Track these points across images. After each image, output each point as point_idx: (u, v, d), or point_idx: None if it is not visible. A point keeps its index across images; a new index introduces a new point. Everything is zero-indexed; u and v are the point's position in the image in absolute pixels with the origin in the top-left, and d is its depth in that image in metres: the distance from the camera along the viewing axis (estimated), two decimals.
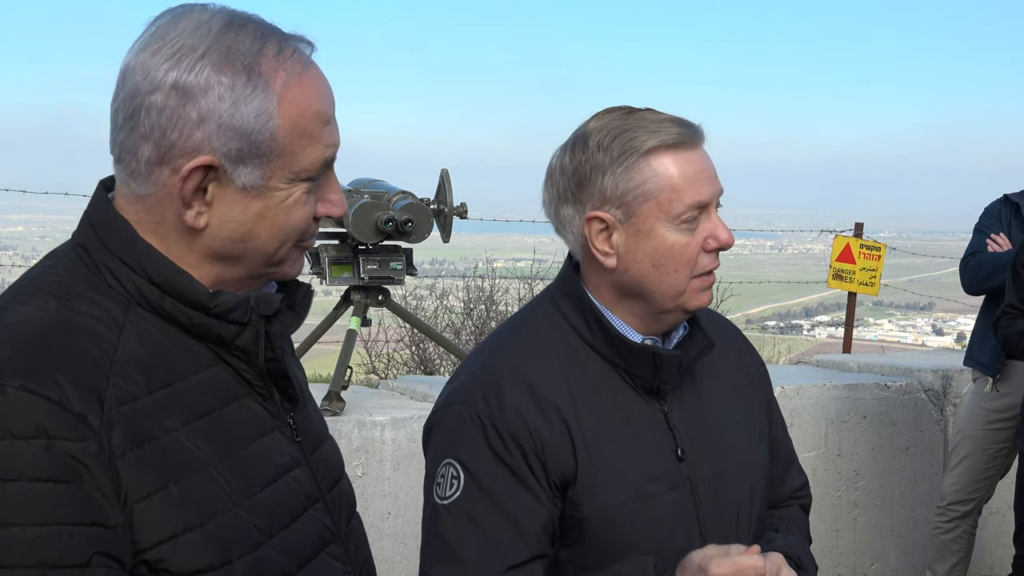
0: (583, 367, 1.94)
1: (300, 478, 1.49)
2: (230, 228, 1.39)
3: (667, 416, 1.96)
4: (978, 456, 4.84)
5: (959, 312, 29.98)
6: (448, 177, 4.35)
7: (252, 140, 1.35)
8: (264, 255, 1.43)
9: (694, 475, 1.95)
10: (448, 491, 1.87)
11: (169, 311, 1.39)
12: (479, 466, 1.85)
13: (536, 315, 2.03)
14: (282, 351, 1.49)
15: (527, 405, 1.87)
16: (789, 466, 2.24)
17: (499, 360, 1.95)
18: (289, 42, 1.40)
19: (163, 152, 1.34)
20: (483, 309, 10.58)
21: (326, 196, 1.46)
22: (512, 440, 1.85)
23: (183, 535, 1.30)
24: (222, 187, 1.37)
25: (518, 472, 1.85)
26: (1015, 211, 4.94)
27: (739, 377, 2.15)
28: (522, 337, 2.00)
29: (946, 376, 5.27)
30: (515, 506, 1.84)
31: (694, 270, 1.90)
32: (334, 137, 1.44)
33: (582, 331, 1.96)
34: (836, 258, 7.79)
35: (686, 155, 1.88)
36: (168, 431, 1.32)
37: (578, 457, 1.87)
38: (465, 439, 1.88)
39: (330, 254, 4.17)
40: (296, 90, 1.38)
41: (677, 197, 1.87)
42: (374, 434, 3.97)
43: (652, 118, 1.90)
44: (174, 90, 1.33)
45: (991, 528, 5.34)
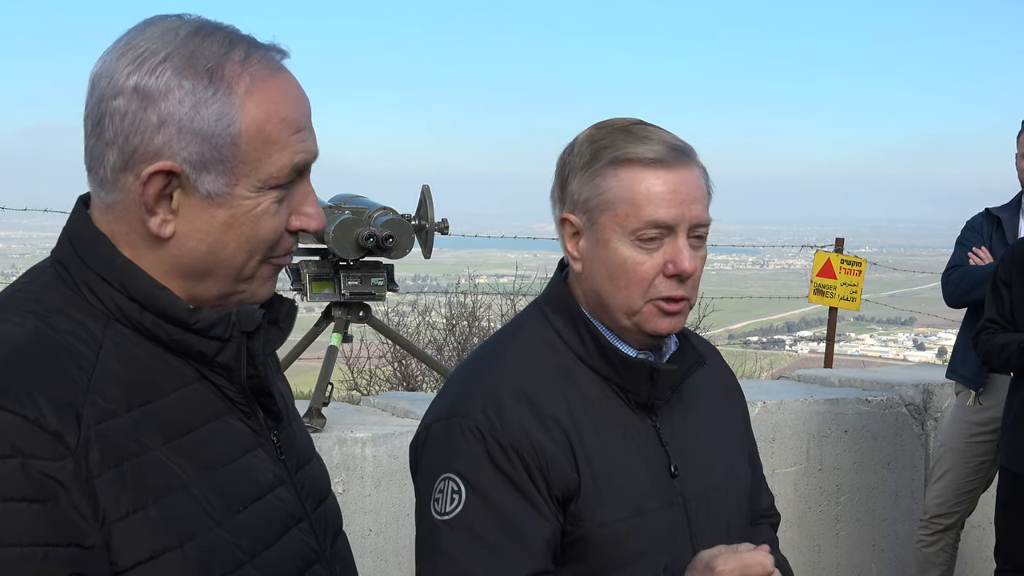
0: (577, 382, 1.91)
1: (284, 497, 1.46)
2: (197, 238, 1.36)
3: (659, 432, 1.95)
4: (961, 469, 4.85)
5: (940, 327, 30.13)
6: (429, 193, 4.34)
7: (213, 144, 1.33)
8: (233, 268, 1.39)
9: (686, 492, 1.94)
10: (449, 506, 1.81)
11: (149, 327, 1.37)
12: (481, 480, 1.81)
13: (526, 329, 2.00)
14: (265, 367, 1.46)
15: (529, 419, 1.83)
16: (761, 484, 2.24)
17: (494, 374, 1.91)
18: (258, 49, 1.38)
19: (127, 158, 1.33)
20: (465, 325, 10.56)
21: (300, 208, 1.43)
22: (515, 453, 1.81)
23: (162, 556, 1.27)
24: (187, 195, 1.35)
25: (521, 486, 1.80)
26: (996, 225, 4.97)
27: (720, 394, 2.15)
28: (514, 351, 1.95)
29: (927, 390, 5.29)
30: (519, 520, 1.80)
31: (648, 292, 1.87)
32: (306, 144, 1.40)
33: (574, 345, 1.93)
34: (817, 273, 7.82)
35: (657, 173, 1.85)
36: (147, 449, 1.30)
37: (580, 472, 1.84)
38: (465, 453, 1.83)
39: (311, 270, 4.16)
40: (261, 95, 1.35)
41: (634, 212, 1.84)
42: (355, 451, 3.95)
43: (642, 134, 1.88)
44: (135, 94, 1.31)
45: (973, 541, 5.35)
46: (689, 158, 1.88)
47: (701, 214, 1.87)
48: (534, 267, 12.80)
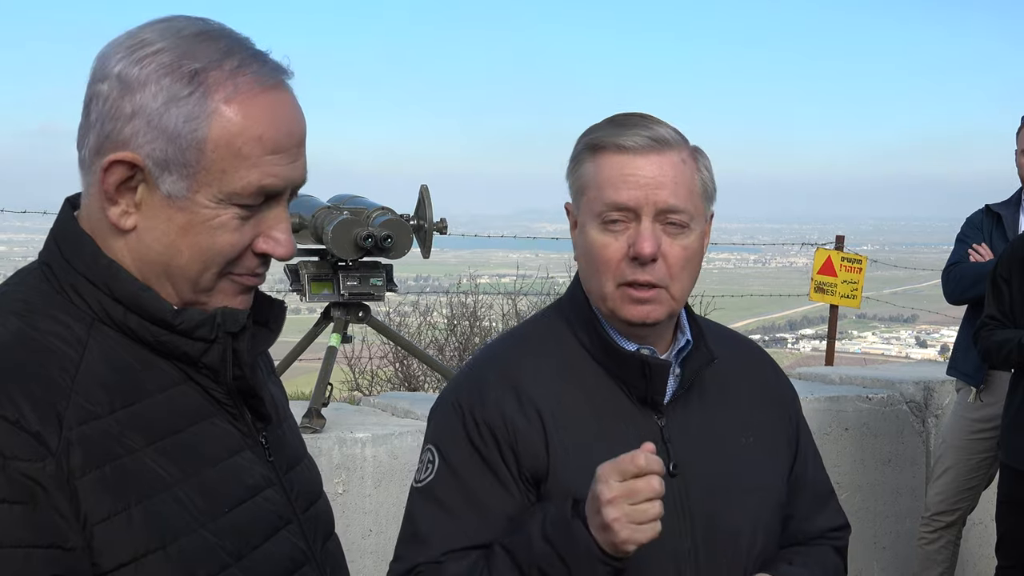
0: (580, 374, 1.94)
1: (271, 498, 1.46)
2: (153, 236, 1.35)
3: (663, 429, 1.93)
4: (962, 466, 4.84)
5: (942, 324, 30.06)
6: (428, 193, 4.34)
7: (177, 145, 1.31)
8: (188, 277, 1.38)
9: (687, 492, 1.91)
10: (423, 474, 1.94)
11: (134, 329, 1.36)
12: (453, 451, 1.91)
13: (541, 321, 2.08)
14: (252, 368, 1.46)
15: (507, 399, 1.91)
16: (821, 503, 2.16)
17: (493, 360, 2.01)
18: (255, 62, 1.35)
19: (100, 142, 1.33)
20: (467, 325, 10.54)
21: (269, 232, 1.40)
22: (487, 429, 1.89)
23: (145, 557, 1.27)
24: (150, 191, 1.34)
25: (490, 461, 1.89)
26: (996, 221, 4.97)
27: (755, 399, 2.08)
28: (520, 341, 2.04)
29: (927, 388, 5.28)
30: (482, 492, 1.88)
31: (616, 276, 1.88)
32: (280, 169, 1.37)
33: (582, 338, 1.97)
34: (818, 271, 7.81)
35: (625, 159, 1.87)
36: (131, 451, 1.30)
37: (550, 453, 1.88)
38: (445, 426, 1.95)
39: (310, 271, 4.15)
40: (240, 107, 1.33)
41: (599, 195, 1.88)
42: (355, 451, 3.94)
43: (626, 123, 1.90)
44: (117, 80, 1.31)
45: (974, 539, 5.34)
46: (667, 147, 1.88)
47: (668, 199, 1.86)
48: (535, 267, 12.79)
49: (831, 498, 2.20)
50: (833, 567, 2.12)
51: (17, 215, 7.76)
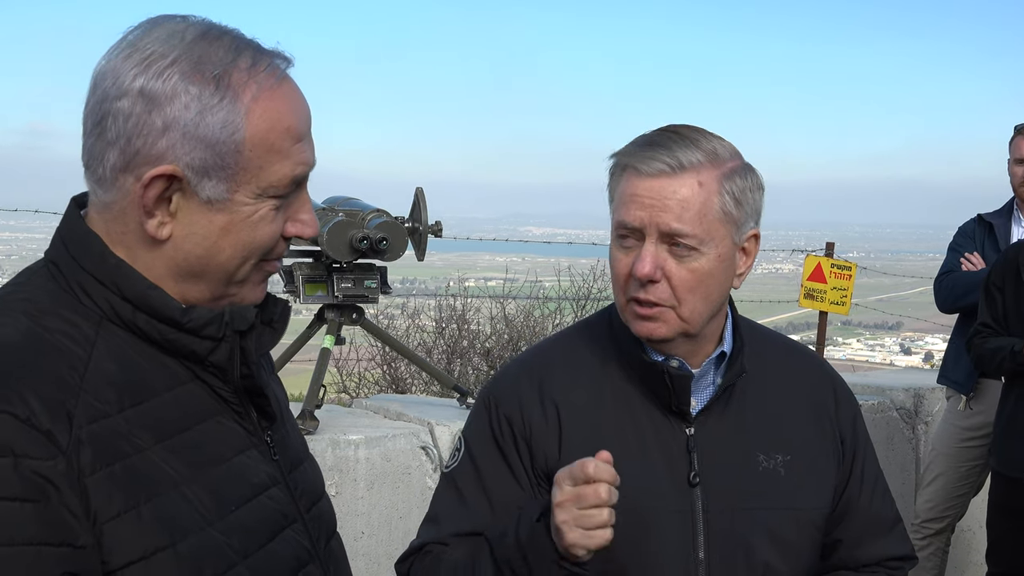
0: (614, 381, 2.00)
1: (277, 497, 1.46)
2: (193, 241, 1.37)
3: (689, 439, 1.94)
4: (952, 474, 4.87)
5: (927, 331, 30.15)
6: (423, 195, 4.33)
7: (217, 151, 1.33)
8: (227, 272, 1.40)
9: (708, 504, 1.91)
10: (451, 461, 2.07)
11: (142, 327, 1.36)
12: (476, 442, 2.03)
13: (585, 327, 2.14)
14: (258, 367, 1.47)
15: (530, 397, 2.00)
16: (880, 530, 2.11)
17: (529, 359, 2.12)
18: (264, 56, 1.38)
19: (128, 159, 1.32)
20: (455, 328, 10.54)
21: (296, 216, 1.44)
22: (507, 423, 1.99)
23: (154, 555, 1.27)
24: (186, 199, 1.35)
25: (506, 453, 1.99)
26: (988, 231, 4.99)
27: (800, 416, 2.05)
28: (562, 342, 2.13)
29: (918, 395, 5.30)
30: (494, 482, 1.98)
31: (626, 291, 1.93)
32: (306, 155, 1.41)
33: (623, 347, 2.01)
34: (807, 277, 7.81)
35: (638, 181, 1.89)
36: (140, 449, 1.30)
37: (562, 451, 1.94)
38: (475, 419, 2.07)
39: (304, 272, 4.14)
40: (266, 104, 1.35)
41: (615, 213, 1.94)
42: (348, 453, 3.93)
43: (655, 142, 1.90)
44: (141, 96, 1.31)
45: (962, 546, 5.36)
46: (683, 171, 1.86)
47: (671, 222, 1.85)
48: (523, 270, 12.79)
49: (895, 526, 2.14)
50: None
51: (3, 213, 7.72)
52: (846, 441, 2.09)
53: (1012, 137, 4.96)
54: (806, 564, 2.00)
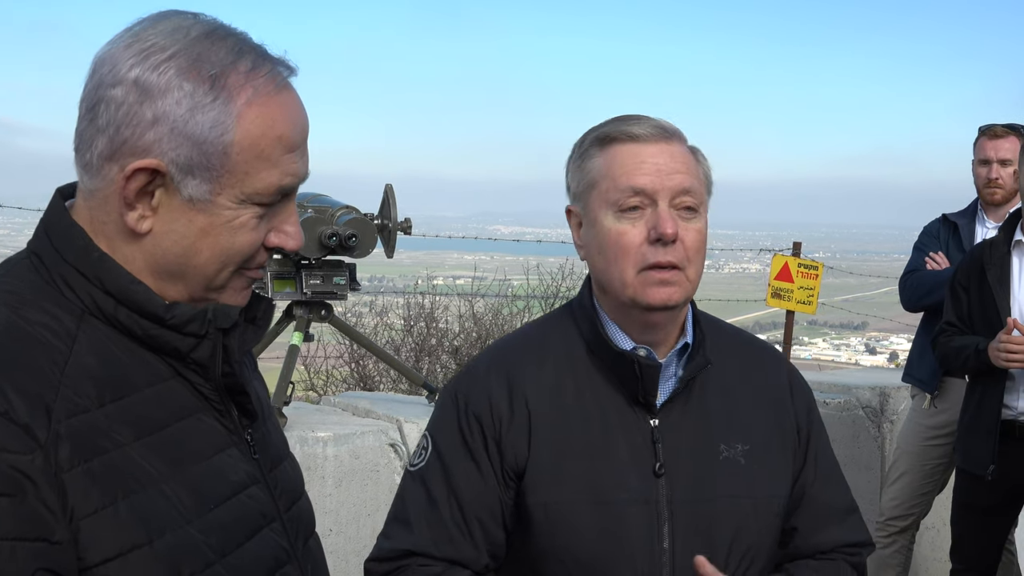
0: (579, 371, 1.98)
1: (256, 496, 1.46)
2: (172, 239, 1.36)
3: (655, 430, 1.95)
4: (916, 472, 4.90)
5: (892, 331, 30.39)
6: (392, 192, 4.32)
7: (203, 151, 1.32)
8: (204, 276, 1.39)
9: (673, 494, 1.92)
10: (416, 460, 2.03)
11: (124, 322, 1.35)
12: (444, 441, 1.99)
13: (550, 319, 2.13)
14: (240, 365, 1.46)
15: (499, 394, 1.97)
16: (835, 518, 2.12)
17: (496, 354, 2.08)
18: (266, 62, 1.37)
19: (115, 148, 1.32)
20: (423, 326, 10.53)
21: (280, 227, 1.42)
22: (476, 422, 1.96)
23: (131, 552, 1.26)
24: (169, 195, 1.34)
25: (474, 451, 1.96)
26: (953, 231, 5.04)
27: (758, 406, 2.07)
28: (525, 338, 2.10)
29: (883, 393, 5.34)
30: (463, 482, 1.95)
31: (638, 262, 1.90)
32: (296, 166, 1.40)
33: (587, 335, 2.01)
34: (775, 277, 7.85)
35: (637, 147, 1.91)
36: (119, 445, 1.29)
37: (531, 450, 1.93)
38: (442, 416, 2.03)
39: (272, 269, 4.12)
40: (260, 110, 1.34)
41: (613, 184, 1.91)
42: (316, 450, 3.92)
43: (631, 117, 1.95)
44: (135, 86, 1.30)
45: (927, 543, 5.40)
46: (675, 136, 1.94)
47: (683, 182, 1.90)
48: (491, 269, 12.80)
49: (850, 513, 2.16)
50: None
51: None
52: (801, 430, 2.11)
53: (976, 138, 5.02)
54: (767, 553, 2.02)
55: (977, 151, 5.00)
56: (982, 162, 4.96)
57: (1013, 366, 4.04)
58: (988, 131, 4.98)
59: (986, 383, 4.20)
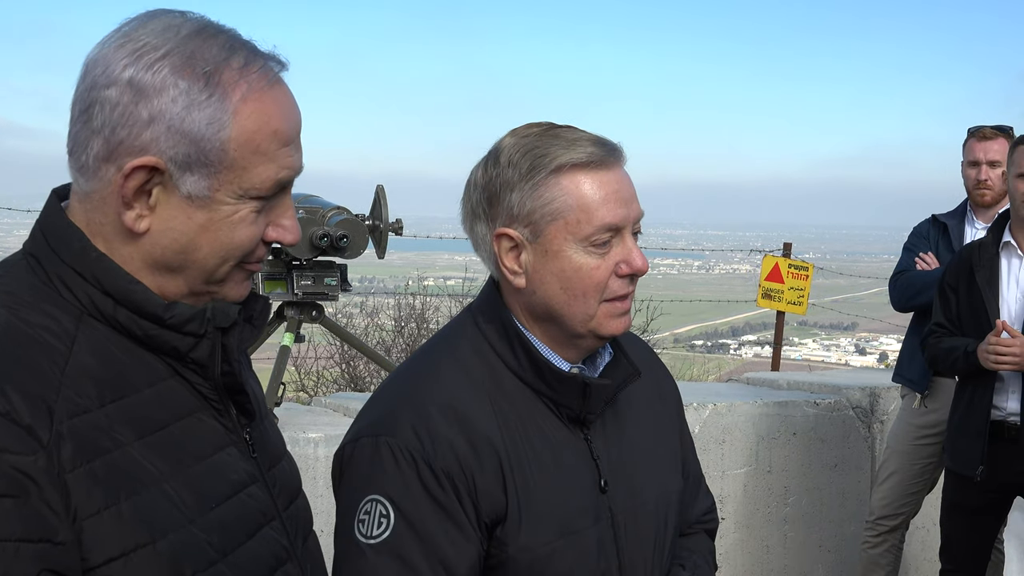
0: (509, 396, 1.86)
1: (255, 495, 1.46)
2: (171, 236, 1.36)
3: (591, 446, 1.91)
4: (906, 471, 4.91)
5: (882, 332, 30.48)
6: (384, 193, 4.33)
7: (201, 148, 1.33)
8: (204, 271, 1.39)
9: (615, 506, 1.90)
10: (376, 530, 1.75)
11: (123, 322, 1.36)
12: (411, 505, 1.75)
13: (459, 340, 1.94)
14: (239, 364, 1.46)
15: (460, 440, 1.78)
16: (697, 488, 2.19)
17: (424, 389, 1.85)
18: (258, 57, 1.38)
19: (111, 148, 1.32)
20: (414, 327, 10.54)
21: (278, 221, 1.43)
22: (447, 478, 1.76)
23: (134, 552, 1.26)
24: (167, 193, 1.34)
25: (451, 511, 1.76)
26: (943, 231, 5.05)
27: (656, 403, 2.09)
28: (446, 364, 1.89)
29: (873, 394, 5.36)
30: (447, 547, 1.76)
31: (603, 294, 1.84)
32: (292, 160, 1.41)
33: (507, 358, 1.88)
34: (765, 277, 7.88)
35: (600, 175, 1.82)
36: (120, 445, 1.29)
37: (508, 495, 1.80)
38: (394, 475, 1.76)
39: (264, 269, 4.12)
40: (255, 105, 1.35)
41: (587, 218, 1.81)
42: (307, 451, 3.92)
43: (569, 136, 1.84)
44: (129, 87, 1.31)
45: (917, 543, 5.42)
46: (620, 155, 1.87)
47: (639, 209, 1.87)
48: (482, 270, 12.80)
49: (702, 480, 2.22)
50: (710, 553, 2.16)
51: None
52: (679, 411, 2.17)
53: (965, 140, 5.04)
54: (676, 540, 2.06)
55: (966, 153, 5.02)
56: (971, 164, 4.98)
57: (1002, 368, 4.06)
58: (977, 133, 5.00)
59: (975, 384, 4.22)
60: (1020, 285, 4.24)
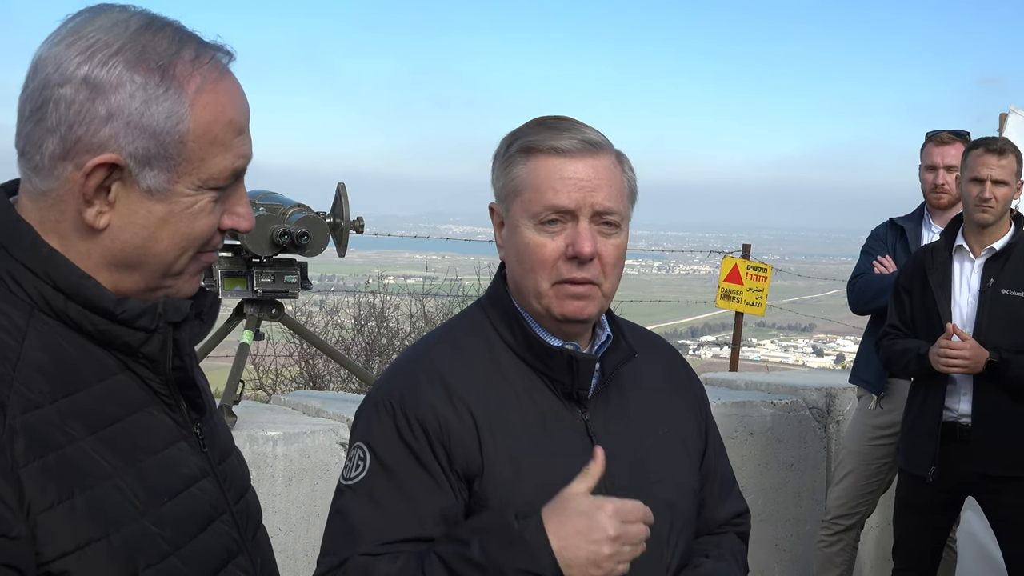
0: (506, 372, 1.99)
1: (207, 489, 1.47)
2: (132, 231, 1.36)
3: (587, 423, 1.99)
4: (862, 471, 4.97)
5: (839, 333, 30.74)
6: (345, 191, 4.31)
7: (160, 142, 1.33)
8: (164, 263, 1.40)
9: (610, 484, 1.94)
10: (354, 472, 1.94)
11: (74, 318, 1.35)
12: (384, 448, 1.92)
13: (463, 321, 2.11)
14: (190, 359, 1.46)
15: (439, 397, 1.93)
16: (727, 491, 2.24)
17: (421, 361, 2.03)
18: (207, 49, 1.38)
19: (68, 147, 1.32)
20: (374, 325, 10.51)
21: (233, 208, 1.45)
22: (419, 424, 1.91)
23: (88, 546, 1.26)
24: (126, 188, 1.34)
25: (421, 456, 1.90)
26: (900, 234, 5.11)
27: (668, 393, 2.16)
28: (445, 341, 2.07)
29: (830, 394, 5.41)
30: (415, 487, 1.89)
31: (552, 275, 1.94)
32: (246, 148, 1.42)
33: (506, 336, 2.01)
34: (724, 278, 7.93)
35: (562, 162, 1.92)
36: (72, 440, 1.29)
37: (484, 453, 1.91)
38: (375, 424, 1.95)
39: (223, 267, 4.10)
40: (210, 96, 1.36)
41: (536, 197, 1.93)
42: (266, 449, 3.91)
43: (556, 127, 1.96)
44: (84, 84, 1.30)
45: (872, 542, 5.48)
46: (600, 149, 1.95)
47: (605, 201, 1.93)
48: (443, 268, 12.78)
49: (734, 485, 2.28)
50: (740, 553, 2.20)
51: None
52: (703, 410, 2.23)
53: (924, 144, 5.10)
54: (690, 531, 2.11)
55: (924, 157, 5.08)
56: (929, 168, 5.05)
57: (952, 371, 4.13)
58: (935, 137, 5.06)
59: (928, 386, 4.28)
60: (972, 288, 4.30)
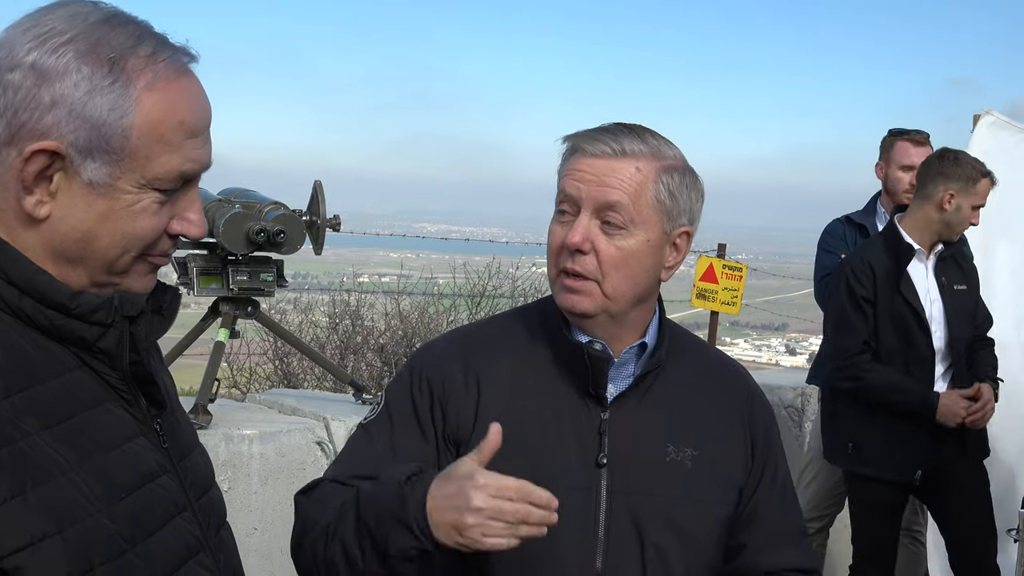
0: (540, 360, 2.06)
1: (166, 485, 1.46)
2: (71, 224, 1.35)
3: (603, 423, 2.00)
4: (829, 472, 4.92)
5: (812, 332, 30.83)
6: (321, 188, 4.30)
7: (102, 133, 1.32)
8: (105, 261, 1.38)
9: (612, 486, 1.96)
10: (370, 414, 2.12)
11: (28, 313, 1.34)
12: (395, 399, 2.09)
13: (525, 309, 2.22)
14: (147, 354, 1.46)
15: (453, 364, 2.06)
16: (785, 541, 2.14)
17: (462, 332, 2.20)
18: (167, 48, 1.37)
19: (13, 132, 1.31)
20: (349, 324, 10.48)
21: (183, 214, 1.43)
22: (426, 383, 2.05)
23: (41, 542, 1.25)
24: (68, 179, 1.33)
25: (420, 412, 2.04)
26: (861, 231, 5.04)
27: (711, 416, 2.11)
28: (495, 323, 2.22)
29: (804, 394, 5.43)
30: (403, 437, 2.03)
31: (558, 263, 2.01)
32: (199, 152, 1.40)
33: (547, 332, 2.07)
34: (700, 278, 7.94)
35: (583, 158, 1.97)
36: (26, 435, 1.28)
37: (477, 418, 1.99)
38: (399, 378, 2.13)
39: (198, 264, 4.08)
40: (160, 94, 1.34)
41: (558, 187, 2.02)
42: (241, 448, 3.89)
43: (603, 130, 1.99)
44: (32, 70, 1.30)
45: (844, 541, 5.50)
46: (625, 156, 1.95)
47: (609, 195, 1.94)
48: (418, 267, 12.76)
49: (800, 540, 2.19)
50: None
51: None
52: (757, 446, 2.14)
53: (894, 143, 5.00)
54: (709, 561, 2.05)
55: (899, 156, 4.98)
56: (905, 168, 4.96)
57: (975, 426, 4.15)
58: (912, 137, 4.99)
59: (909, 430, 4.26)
60: (932, 288, 4.27)
